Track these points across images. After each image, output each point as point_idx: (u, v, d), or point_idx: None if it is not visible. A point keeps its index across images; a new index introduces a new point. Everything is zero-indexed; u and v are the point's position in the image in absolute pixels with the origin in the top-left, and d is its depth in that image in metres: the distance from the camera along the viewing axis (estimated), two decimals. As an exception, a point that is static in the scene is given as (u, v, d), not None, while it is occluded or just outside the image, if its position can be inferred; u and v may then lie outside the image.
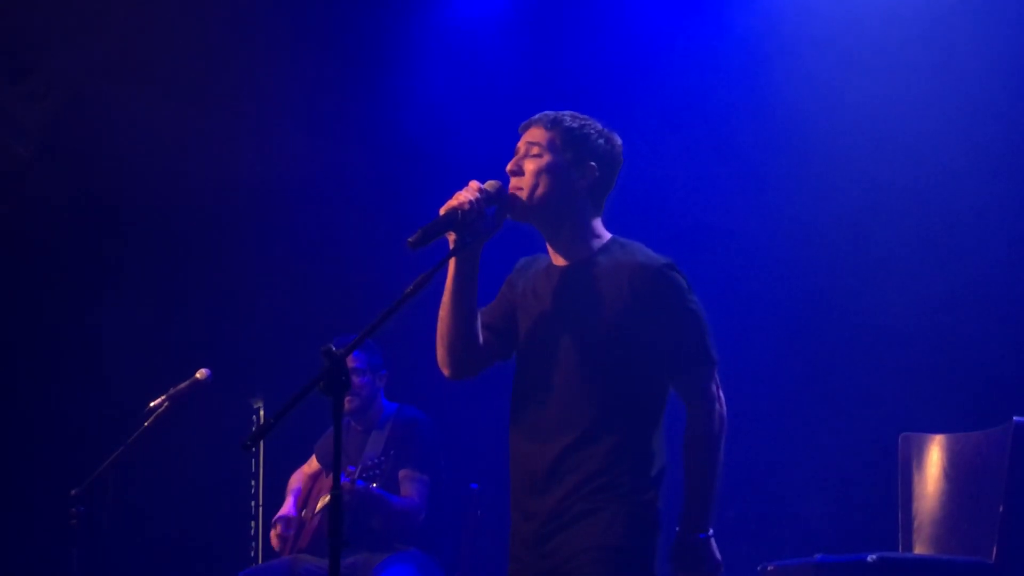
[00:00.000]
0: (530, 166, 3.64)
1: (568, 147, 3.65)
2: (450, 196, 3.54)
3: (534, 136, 3.68)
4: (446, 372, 3.78)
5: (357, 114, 7.64)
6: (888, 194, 6.42)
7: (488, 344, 3.76)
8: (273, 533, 6.20)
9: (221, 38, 7.33)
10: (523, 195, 3.62)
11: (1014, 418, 4.94)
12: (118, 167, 7.55)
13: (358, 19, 7.59)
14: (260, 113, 7.49)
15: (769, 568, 5.04)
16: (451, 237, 3.55)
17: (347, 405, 6.07)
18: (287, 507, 6.27)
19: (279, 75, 7.49)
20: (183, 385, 5.86)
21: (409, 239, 3.41)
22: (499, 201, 3.61)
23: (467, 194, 3.54)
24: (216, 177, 7.50)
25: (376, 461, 5.80)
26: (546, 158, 3.64)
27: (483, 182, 3.60)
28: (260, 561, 6.71)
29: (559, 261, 3.72)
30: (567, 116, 3.70)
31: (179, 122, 7.40)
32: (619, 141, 3.76)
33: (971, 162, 6.20)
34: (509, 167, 3.67)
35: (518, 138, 3.73)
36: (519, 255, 3.91)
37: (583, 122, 3.71)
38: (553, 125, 3.68)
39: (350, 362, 5.97)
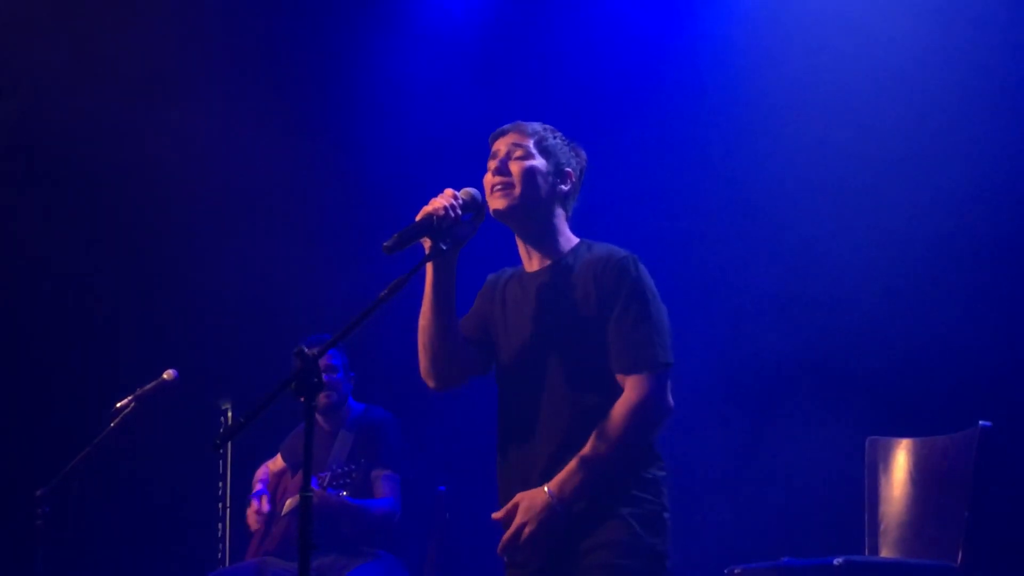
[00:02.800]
0: (517, 167, 3.71)
1: (548, 154, 3.75)
2: (425, 202, 3.57)
3: (516, 140, 3.75)
4: (430, 384, 3.80)
5: (332, 114, 7.62)
6: (856, 197, 6.44)
7: (468, 355, 3.79)
8: (250, 510, 6.16)
9: (185, 37, 7.31)
10: (512, 193, 3.67)
11: (980, 423, 4.97)
12: (84, 166, 7.51)
13: (326, 20, 7.58)
14: (231, 113, 7.46)
15: (736, 571, 5.05)
16: (426, 243, 3.58)
17: (323, 399, 6.06)
18: (259, 488, 6.25)
19: (248, 76, 7.46)
20: (150, 385, 5.84)
21: (384, 244, 3.43)
22: (474, 208, 3.65)
23: (442, 200, 3.57)
24: (185, 177, 7.46)
25: (346, 469, 5.79)
26: (532, 161, 3.72)
27: (458, 189, 3.63)
28: (227, 563, 6.68)
29: (531, 266, 3.78)
30: (540, 126, 3.81)
31: (146, 122, 7.36)
32: (584, 154, 3.88)
33: (940, 166, 6.23)
34: (494, 165, 3.71)
35: (487, 143, 3.79)
36: (496, 266, 3.94)
37: (555, 133, 3.83)
38: (532, 132, 3.77)
39: (328, 359, 6.00)
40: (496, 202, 3.69)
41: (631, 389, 3.52)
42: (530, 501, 3.49)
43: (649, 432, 3.55)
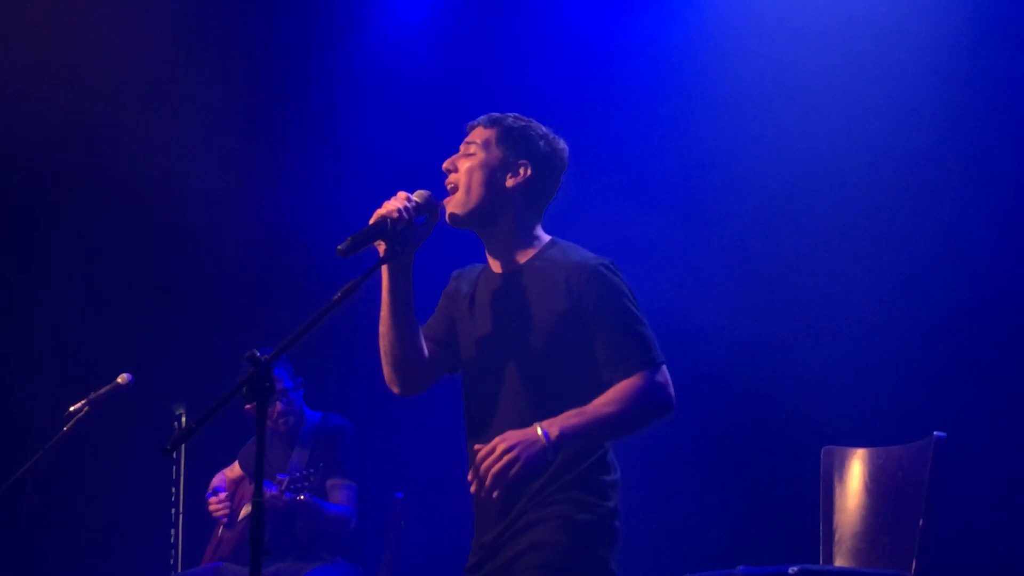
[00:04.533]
0: (463, 164, 3.66)
1: (502, 146, 3.67)
2: (379, 205, 3.54)
3: (474, 135, 3.71)
4: (395, 389, 3.76)
5: (284, 119, 7.59)
6: (811, 207, 6.45)
7: (434, 357, 3.75)
8: (213, 499, 6.13)
9: (141, 39, 7.27)
10: (459, 196, 3.63)
11: (934, 433, 4.98)
12: (38, 168, 7.45)
13: (282, 23, 7.55)
14: (183, 117, 7.43)
15: (691, 580, 5.05)
16: (380, 246, 3.55)
17: (283, 425, 6.05)
18: (215, 487, 6.23)
19: (203, 82, 7.42)
20: (104, 390, 5.80)
21: (338, 247, 3.41)
22: (428, 210, 3.61)
23: (396, 203, 3.54)
24: (139, 181, 7.42)
25: (304, 473, 5.78)
26: (479, 156, 3.66)
27: (412, 191, 3.61)
28: (180, 569, 6.65)
29: (496, 267, 3.72)
30: (509, 117, 3.73)
31: (100, 123, 7.32)
32: (562, 145, 3.76)
33: (900, 176, 6.25)
34: (445, 165, 3.69)
35: (451, 143, 3.76)
36: (456, 265, 3.91)
37: (523, 123, 3.72)
38: (492, 124, 3.71)
39: (277, 382, 5.96)
40: (448, 207, 3.66)
41: (639, 379, 3.46)
42: (518, 433, 3.34)
43: (652, 414, 3.48)
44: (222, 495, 6.12)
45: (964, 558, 5.74)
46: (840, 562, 5.27)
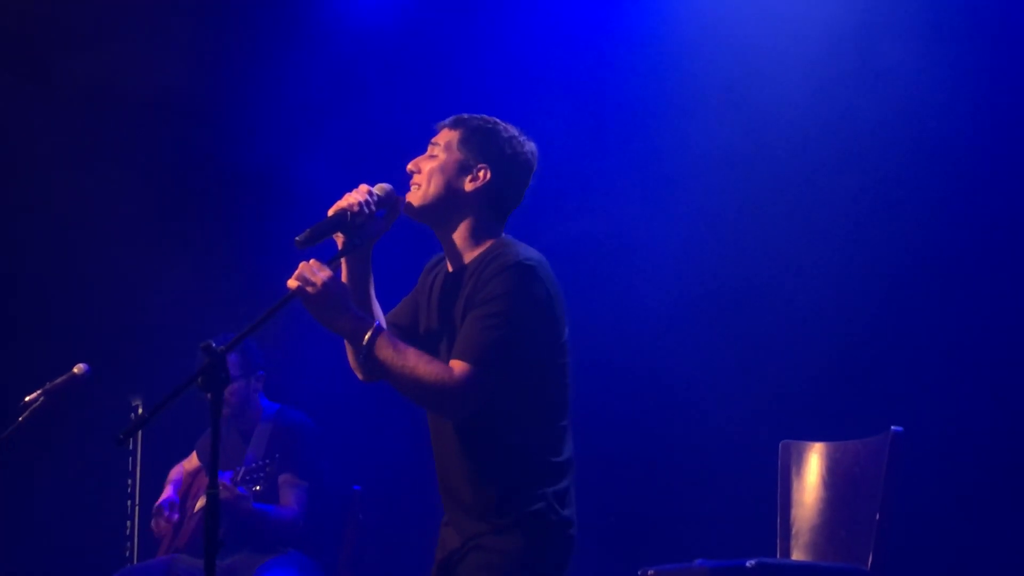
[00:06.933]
0: (425, 165, 3.63)
1: (463, 148, 3.63)
2: (339, 197, 3.53)
3: (439, 136, 3.68)
4: (360, 376, 3.71)
5: (242, 104, 7.53)
6: (771, 198, 6.47)
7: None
8: (157, 521, 6.11)
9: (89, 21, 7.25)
10: (418, 193, 3.61)
11: (892, 428, 5.01)
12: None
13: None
14: (143, 101, 7.38)
15: (649, 572, 5.05)
16: (339, 239, 3.54)
17: (228, 414, 6.03)
18: (167, 493, 6.21)
19: (166, 67, 7.38)
20: (60, 380, 5.73)
21: (297, 238, 3.41)
22: (388, 204, 3.60)
23: (356, 196, 3.52)
24: (95, 172, 7.37)
25: (259, 464, 5.77)
26: (440, 158, 3.63)
27: (373, 185, 3.59)
28: (136, 561, 6.60)
29: (448, 266, 3.70)
30: (475, 118, 3.68)
31: (48, 118, 7.28)
32: (530, 148, 3.69)
33: (858, 167, 6.28)
34: (409, 166, 3.67)
35: (418, 141, 3.74)
36: (420, 256, 3.89)
37: (489, 125, 3.67)
38: (457, 125, 3.67)
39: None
40: (406, 197, 3.64)
41: (450, 367, 3.40)
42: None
43: (430, 400, 3.44)
44: (167, 514, 6.10)
45: (920, 552, 5.78)
46: (797, 556, 5.30)
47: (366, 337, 3.40)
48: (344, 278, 3.63)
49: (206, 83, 7.44)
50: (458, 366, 3.39)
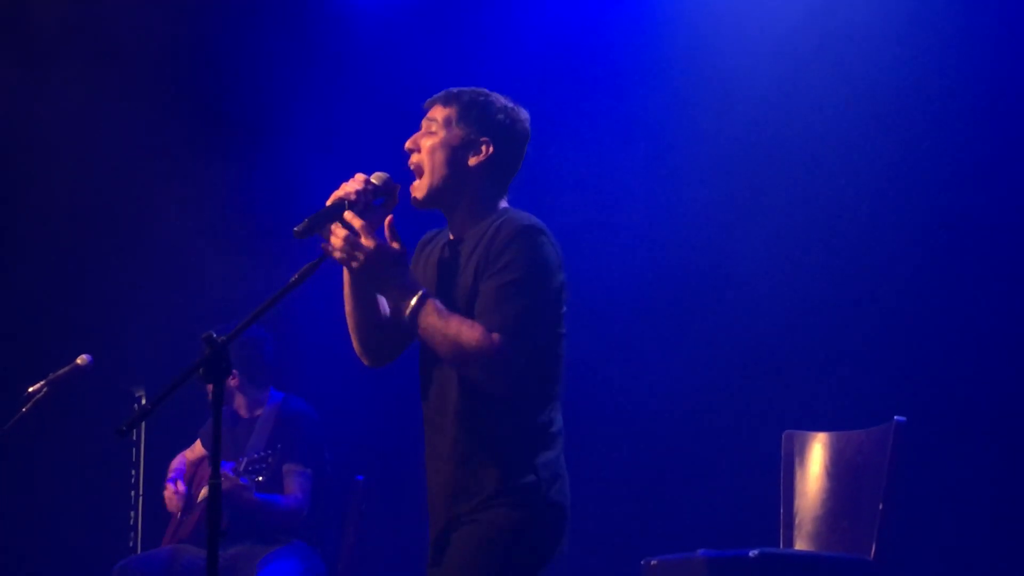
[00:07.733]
0: (426, 143, 3.61)
1: (463, 124, 3.61)
2: (337, 187, 3.52)
3: (434, 113, 3.65)
4: (365, 362, 3.74)
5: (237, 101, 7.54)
6: (774, 189, 6.45)
7: (401, 323, 3.70)
8: (168, 492, 6.11)
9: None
10: (422, 184, 3.60)
11: (895, 418, 5.01)
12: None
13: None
14: (143, 98, 7.38)
15: (652, 563, 5.05)
16: (337, 227, 3.53)
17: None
18: (174, 476, 6.21)
19: (158, 66, 7.39)
20: (63, 370, 5.74)
21: (295, 228, 3.38)
22: (386, 193, 3.58)
23: (354, 185, 3.51)
24: (101, 162, 7.37)
25: (262, 455, 5.76)
26: (440, 135, 3.61)
27: (370, 173, 3.58)
28: (139, 551, 6.61)
29: (450, 236, 3.69)
30: (467, 92, 3.67)
31: (74, 107, 7.28)
32: (524, 116, 3.70)
33: (857, 159, 6.26)
34: (407, 144, 3.65)
35: (409, 126, 3.71)
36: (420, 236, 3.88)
37: (482, 97, 3.66)
38: (450, 101, 3.65)
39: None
40: (412, 191, 3.62)
41: (492, 336, 3.37)
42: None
43: (470, 369, 3.41)
44: (180, 486, 6.11)
45: (923, 542, 5.78)
46: (800, 546, 5.30)
47: (413, 301, 3.39)
48: (345, 269, 3.62)
49: (206, 82, 7.45)
50: (496, 336, 3.37)
